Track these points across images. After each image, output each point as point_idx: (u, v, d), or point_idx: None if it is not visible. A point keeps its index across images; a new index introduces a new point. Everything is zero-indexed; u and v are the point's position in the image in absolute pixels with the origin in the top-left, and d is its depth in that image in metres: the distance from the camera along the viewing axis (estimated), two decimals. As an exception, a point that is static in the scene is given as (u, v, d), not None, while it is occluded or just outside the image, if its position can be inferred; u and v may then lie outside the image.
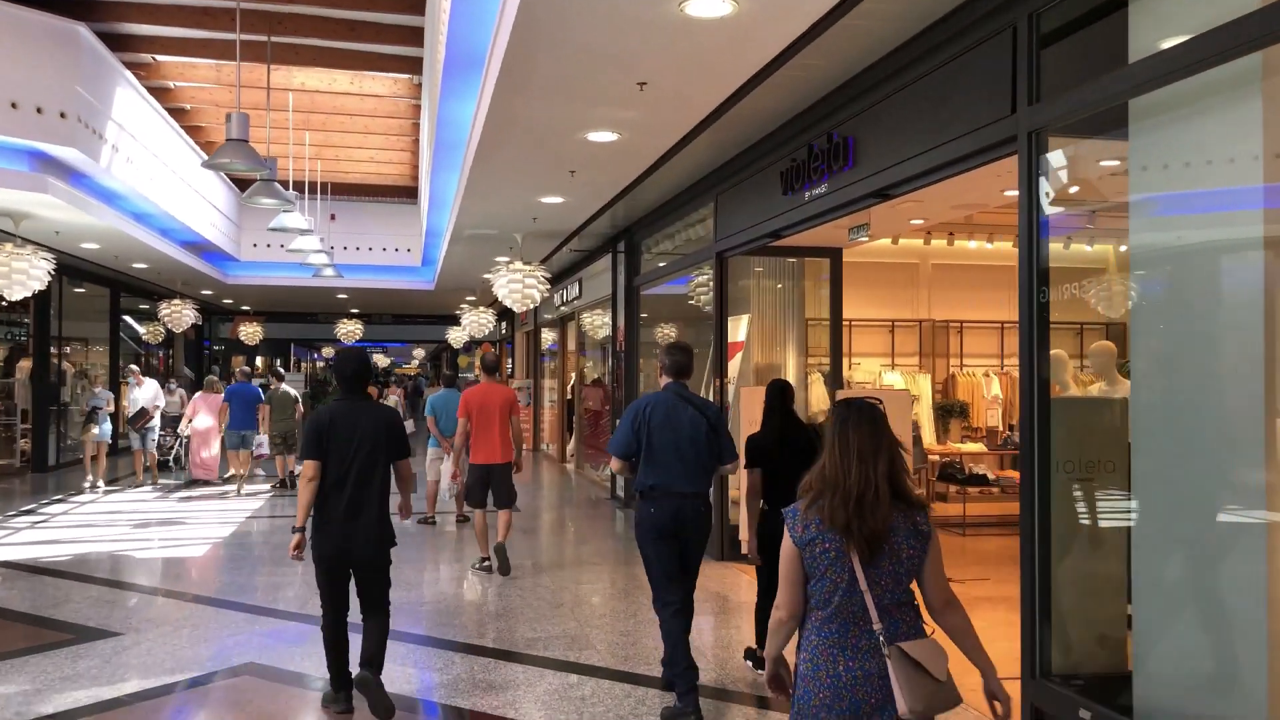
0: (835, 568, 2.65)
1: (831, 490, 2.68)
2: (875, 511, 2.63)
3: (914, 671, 2.57)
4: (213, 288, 20.96)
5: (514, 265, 12.20)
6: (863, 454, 2.68)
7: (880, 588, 2.64)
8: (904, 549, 2.67)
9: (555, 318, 18.65)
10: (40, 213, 11.00)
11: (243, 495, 13.00)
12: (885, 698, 2.59)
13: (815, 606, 2.71)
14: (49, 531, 10.17)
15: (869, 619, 2.63)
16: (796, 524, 2.73)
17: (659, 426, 5.00)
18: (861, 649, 2.63)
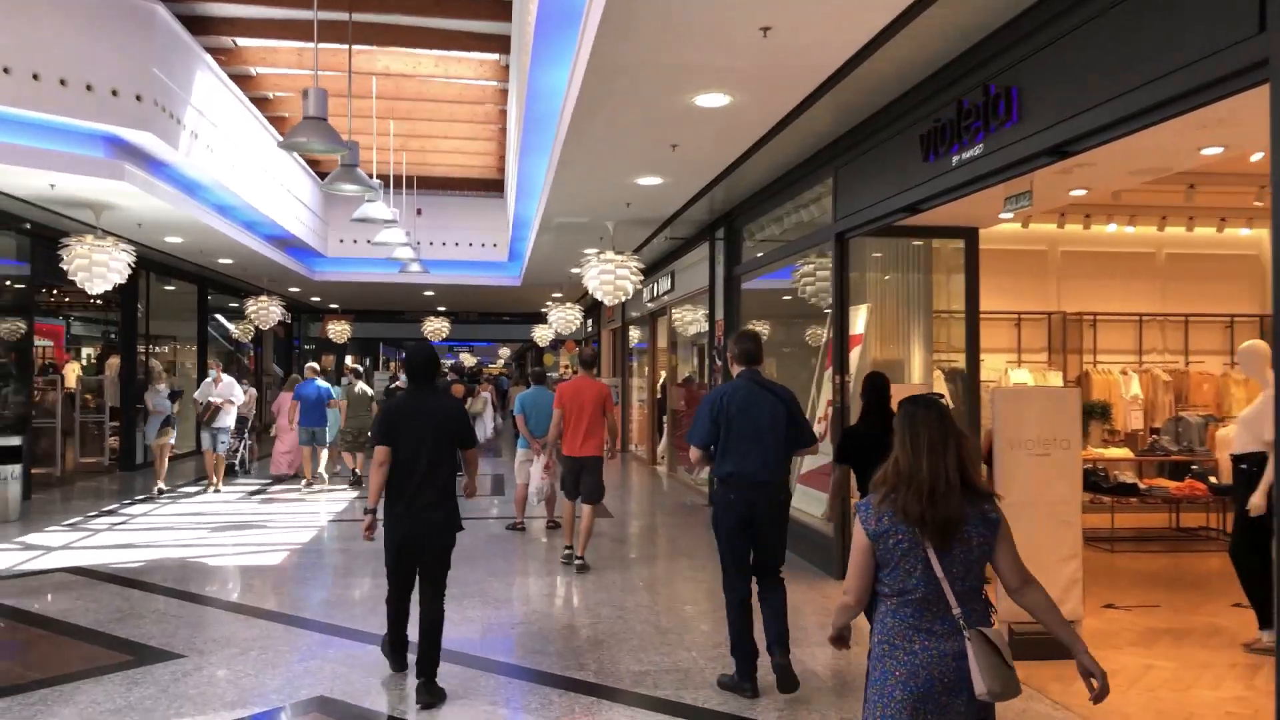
0: (909, 558, 2.75)
1: (905, 484, 2.77)
2: (947, 502, 2.72)
3: (993, 655, 2.66)
4: (300, 285, 20.74)
5: (605, 255, 11.42)
6: (933, 447, 2.77)
7: (954, 575, 2.73)
8: (974, 537, 2.75)
9: (644, 314, 17.86)
10: (119, 202, 10.62)
11: (315, 491, 13.19)
12: (960, 680, 2.68)
13: (890, 593, 2.79)
14: (125, 534, 9.76)
15: (946, 605, 2.72)
16: (870, 517, 2.82)
17: (737, 415, 5.02)
18: (936, 632, 2.72)
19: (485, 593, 7.31)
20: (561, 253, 14.82)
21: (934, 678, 2.69)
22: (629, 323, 20.00)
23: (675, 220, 11.57)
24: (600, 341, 24.87)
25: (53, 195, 10.16)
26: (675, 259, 14.38)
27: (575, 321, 19.61)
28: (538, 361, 51.28)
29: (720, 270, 11.71)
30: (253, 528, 10.20)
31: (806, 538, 8.64)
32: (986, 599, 2.84)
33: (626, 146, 7.99)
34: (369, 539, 5.11)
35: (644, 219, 11.56)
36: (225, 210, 13.34)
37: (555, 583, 7.75)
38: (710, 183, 9.39)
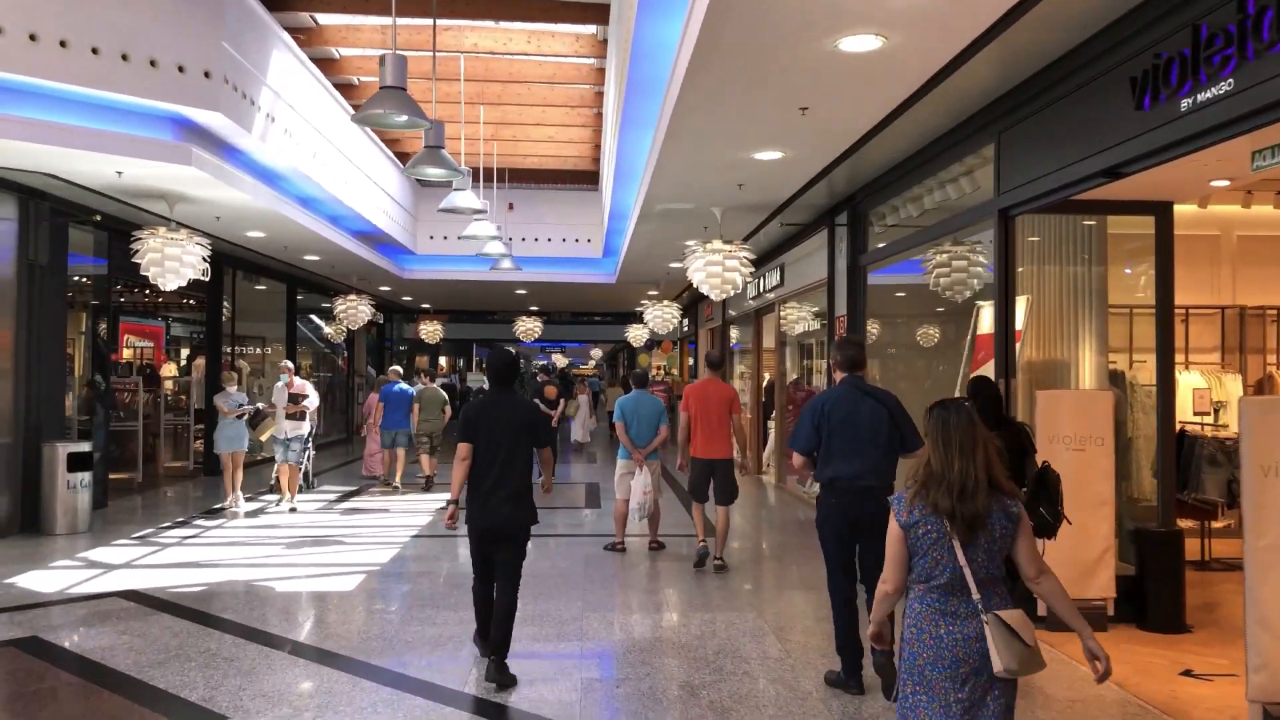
0: (937, 547, 3.01)
1: (937, 482, 3.04)
2: (975, 499, 2.99)
3: (1009, 636, 2.91)
4: (390, 283, 20.14)
5: (713, 245, 10.26)
6: (963, 449, 3.04)
7: (977, 564, 2.99)
8: (997, 529, 3.02)
9: (746, 311, 16.64)
10: (192, 192, 9.92)
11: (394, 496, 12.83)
12: (982, 661, 2.94)
13: (918, 580, 3.06)
14: (194, 550, 9.01)
15: (968, 590, 2.98)
16: (902, 510, 3.08)
17: (840, 421, 5.06)
18: (960, 615, 2.99)
19: (584, 632, 6.24)
20: (660, 246, 13.73)
21: (959, 658, 2.96)
22: (729, 322, 18.80)
23: (790, 205, 10.36)
24: (697, 341, 23.72)
25: (121, 185, 9.50)
26: (784, 251, 13.14)
27: (673, 320, 18.50)
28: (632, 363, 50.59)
29: (842, 260, 10.44)
30: (330, 544, 9.35)
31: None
32: (1007, 584, 3.10)
33: (747, 111, 6.83)
34: (451, 527, 5.47)
35: (755, 204, 10.37)
36: (308, 203, 12.63)
37: (663, 622, 6.62)
38: (838, 157, 8.16)
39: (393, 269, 18.25)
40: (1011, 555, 3.07)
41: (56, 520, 9.65)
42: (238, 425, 11.20)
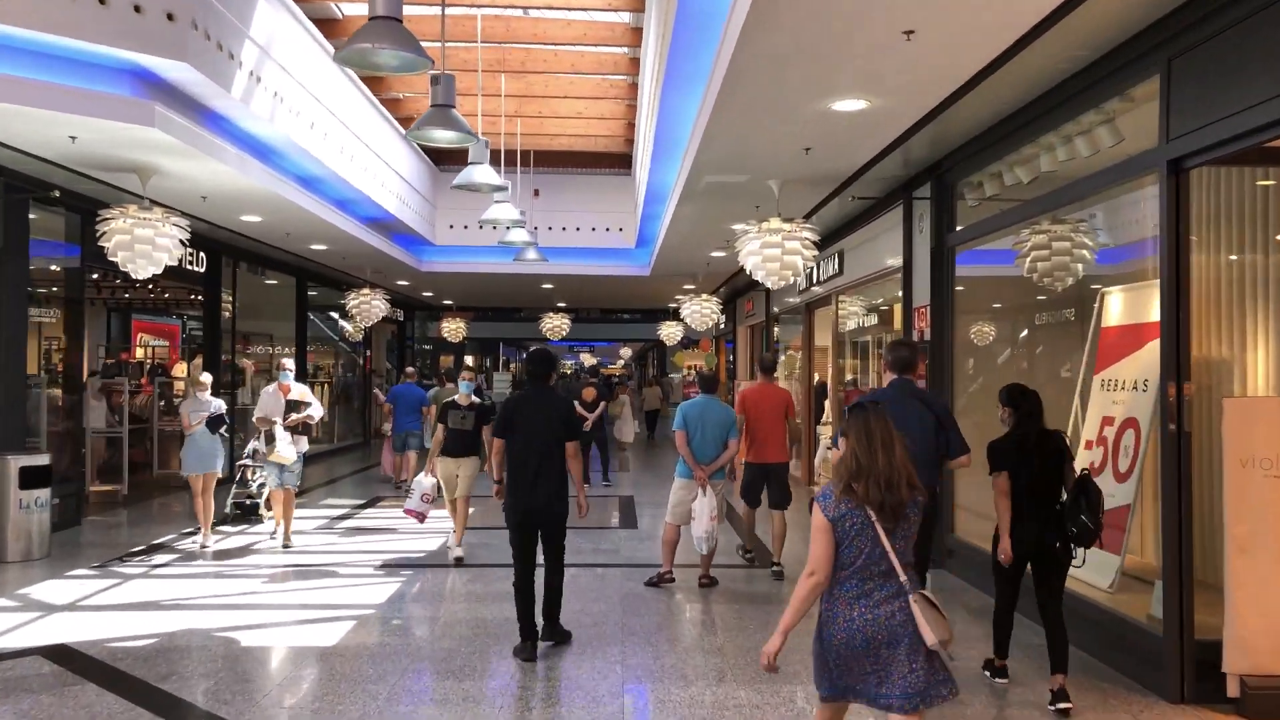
0: (862, 536, 3.26)
1: (865, 476, 3.26)
2: (899, 489, 3.26)
3: (934, 612, 3.22)
4: (407, 276, 18.77)
5: (770, 224, 8.75)
6: (887, 445, 3.29)
7: (898, 550, 3.27)
8: (912, 518, 3.33)
9: (795, 305, 15.10)
10: (164, 163, 8.55)
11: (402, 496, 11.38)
12: (891, 636, 3.20)
13: (840, 567, 3.29)
14: (160, 584, 7.63)
15: (893, 574, 3.25)
16: (830, 504, 3.30)
17: None
18: (875, 599, 3.24)
19: (625, 715, 4.77)
20: (703, 231, 12.23)
21: (869, 637, 3.22)
22: (774, 318, 17.25)
23: (860, 177, 8.83)
24: (735, 340, 22.18)
25: (79, 153, 8.15)
26: (844, 235, 11.59)
27: (712, 316, 16.99)
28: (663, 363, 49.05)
29: (922, 242, 8.89)
30: (319, 576, 7.94)
31: (1100, 625, 5.79)
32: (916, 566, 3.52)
33: (836, 35, 5.32)
34: (501, 500, 5.90)
35: (820, 175, 8.85)
36: (310, 183, 11.25)
37: (730, 699, 5.11)
38: (936, 108, 6.63)
39: (410, 261, 16.88)
40: None
41: (7, 546, 8.30)
42: (211, 441, 9.10)
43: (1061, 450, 5.10)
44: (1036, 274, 7.64)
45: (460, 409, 8.45)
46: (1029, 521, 5.00)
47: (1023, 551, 5.03)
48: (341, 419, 20.21)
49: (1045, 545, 4.98)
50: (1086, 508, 4.83)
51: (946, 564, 8.24)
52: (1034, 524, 4.99)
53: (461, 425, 8.37)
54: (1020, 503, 5.04)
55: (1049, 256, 7.59)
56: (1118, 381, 6.67)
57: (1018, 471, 5.05)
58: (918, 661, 3.20)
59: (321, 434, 19.64)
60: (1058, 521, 4.95)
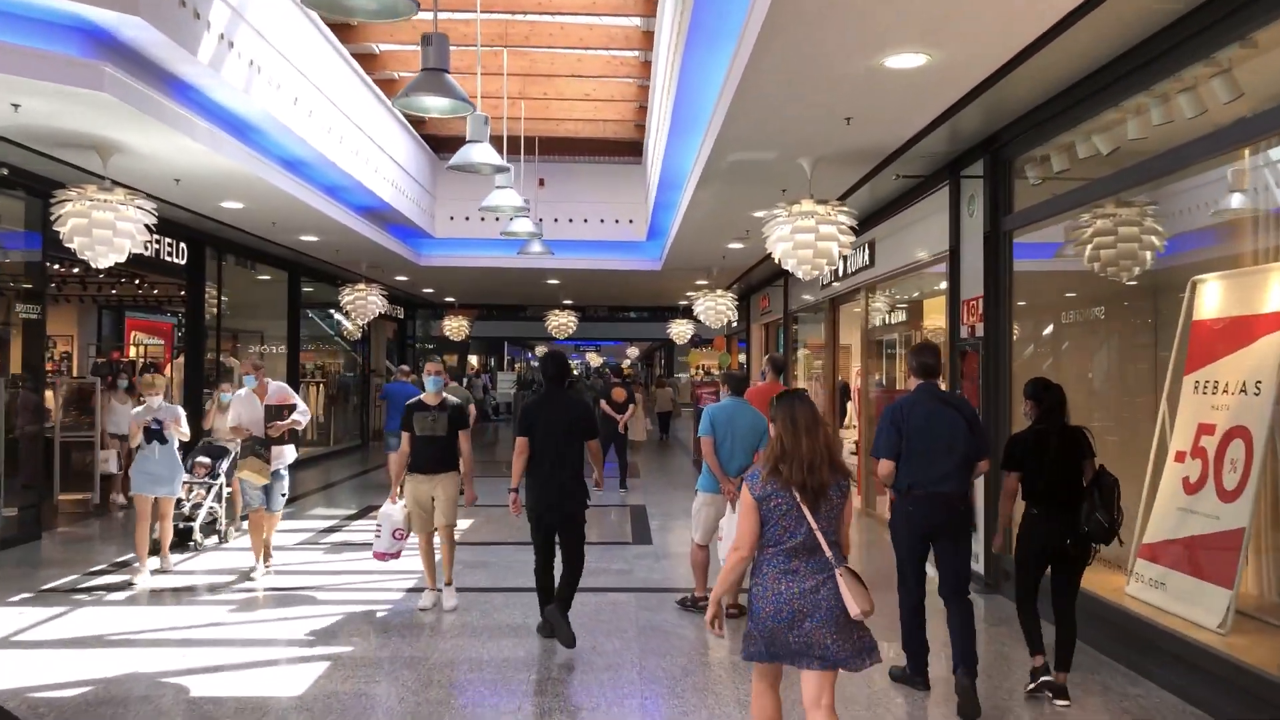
0: (788, 516, 3.47)
1: (790, 459, 3.49)
2: (821, 472, 3.48)
3: (858, 585, 3.43)
4: (406, 271, 17.85)
5: (801, 206, 7.81)
6: (810, 430, 3.52)
7: (823, 528, 3.47)
8: (835, 499, 3.53)
9: (817, 301, 14.14)
10: (124, 138, 7.66)
11: None
12: (813, 608, 3.41)
13: (768, 544, 3.51)
14: (108, 613, 6.70)
15: (819, 551, 3.47)
16: (757, 485, 3.53)
17: (920, 427, 5.00)
18: (801, 574, 3.45)
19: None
20: (721, 219, 11.30)
21: (795, 610, 3.41)
22: (793, 315, 16.30)
23: (905, 153, 7.90)
24: (749, 340, 21.23)
25: (25, 125, 7.25)
26: (874, 224, 10.64)
27: (727, 313, 16.06)
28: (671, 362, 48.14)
29: (973, 226, 7.96)
30: (294, 603, 7.02)
31: (1208, 674, 4.85)
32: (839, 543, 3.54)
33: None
34: (517, 514, 6.10)
35: (859, 150, 7.92)
36: (295, 166, 10.35)
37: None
38: (1007, 64, 5.70)
39: (408, 254, 15.98)
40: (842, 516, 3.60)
41: (-58, 567, 7.41)
42: (167, 456, 7.71)
43: (1083, 446, 5.07)
44: (1099, 263, 6.77)
45: (428, 410, 6.71)
46: (1051, 518, 5.00)
47: (1044, 546, 5.05)
48: (338, 420, 19.29)
49: (1064, 543, 4.99)
50: (1101, 504, 4.84)
51: (1004, 588, 7.31)
52: (1056, 521, 4.98)
53: (432, 430, 6.65)
54: (1041, 499, 5.07)
55: (1114, 243, 6.72)
56: (1217, 383, 5.74)
57: (1038, 468, 5.06)
58: (841, 631, 3.41)
59: (317, 436, 18.78)
60: (1076, 519, 4.94)
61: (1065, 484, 4.97)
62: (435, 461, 6.68)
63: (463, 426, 6.79)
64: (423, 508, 6.74)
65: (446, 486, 6.73)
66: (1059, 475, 4.97)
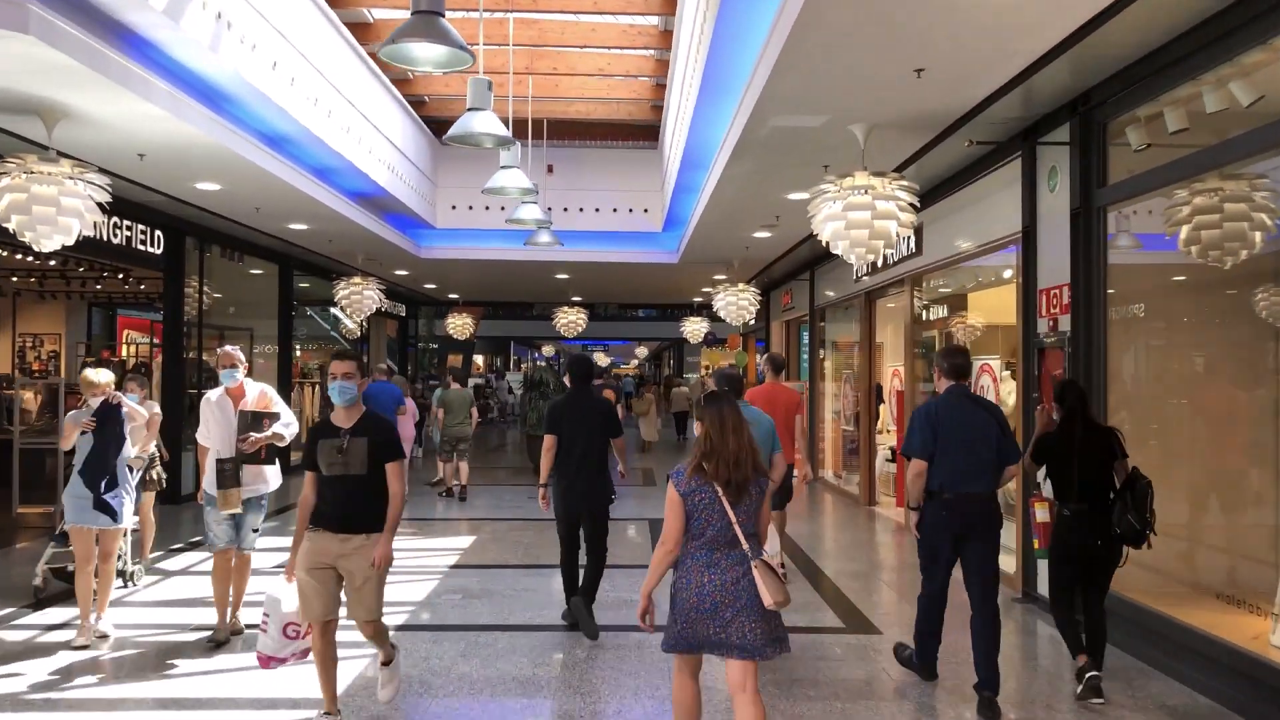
0: (710, 510, 3.65)
1: (716, 456, 3.67)
2: (744, 468, 3.67)
3: (773, 577, 3.62)
4: (406, 264, 16.78)
5: (855, 180, 6.72)
6: (736, 430, 3.71)
7: (741, 521, 3.65)
8: (754, 494, 3.72)
9: (848, 295, 13.07)
10: (69, 99, 6.59)
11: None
12: (733, 599, 3.59)
13: (691, 538, 3.68)
14: (21, 669, 5.63)
15: (737, 544, 3.65)
16: (682, 481, 3.70)
17: (952, 428, 5.01)
18: (722, 566, 3.63)
19: None
20: (749, 202, 10.20)
21: (716, 601, 3.59)
22: (820, 311, 15.19)
23: (975, 117, 6.81)
24: (768, 339, 20.10)
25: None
26: (921, 208, 9.50)
27: (750, 308, 14.94)
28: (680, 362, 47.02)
29: (1054, 202, 6.86)
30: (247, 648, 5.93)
31: None
32: (759, 538, 3.75)
33: None
34: (546, 507, 6.28)
35: (923, 115, 6.83)
36: (278, 144, 9.30)
37: None
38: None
39: (407, 246, 14.91)
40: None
41: None
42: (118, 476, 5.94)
43: (1113, 447, 5.10)
44: (1199, 246, 5.72)
45: (337, 434, 4.41)
46: (1080, 517, 5.03)
47: (1074, 546, 5.08)
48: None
49: (1095, 544, 5.01)
50: (1133, 506, 4.83)
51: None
52: (1085, 520, 5.02)
53: (343, 467, 4.37)
54: (1068, 498, 5.10)
55: (1219, 222, 5.67)
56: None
57: (1064, 466, 5.12)
58: (756, 621, 3.60)
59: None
60: (1106, 520, 4.96)
61: (1093, 484, 5.03)
62: (347, 514, 4.42)
63: (391, 457, 4.51)
64: (321, 585, 4.38)
65: (364, 558, 4.41)
66: (1085, 475, 5.03)
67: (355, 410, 4.50)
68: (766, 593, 3.57)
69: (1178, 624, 5.50)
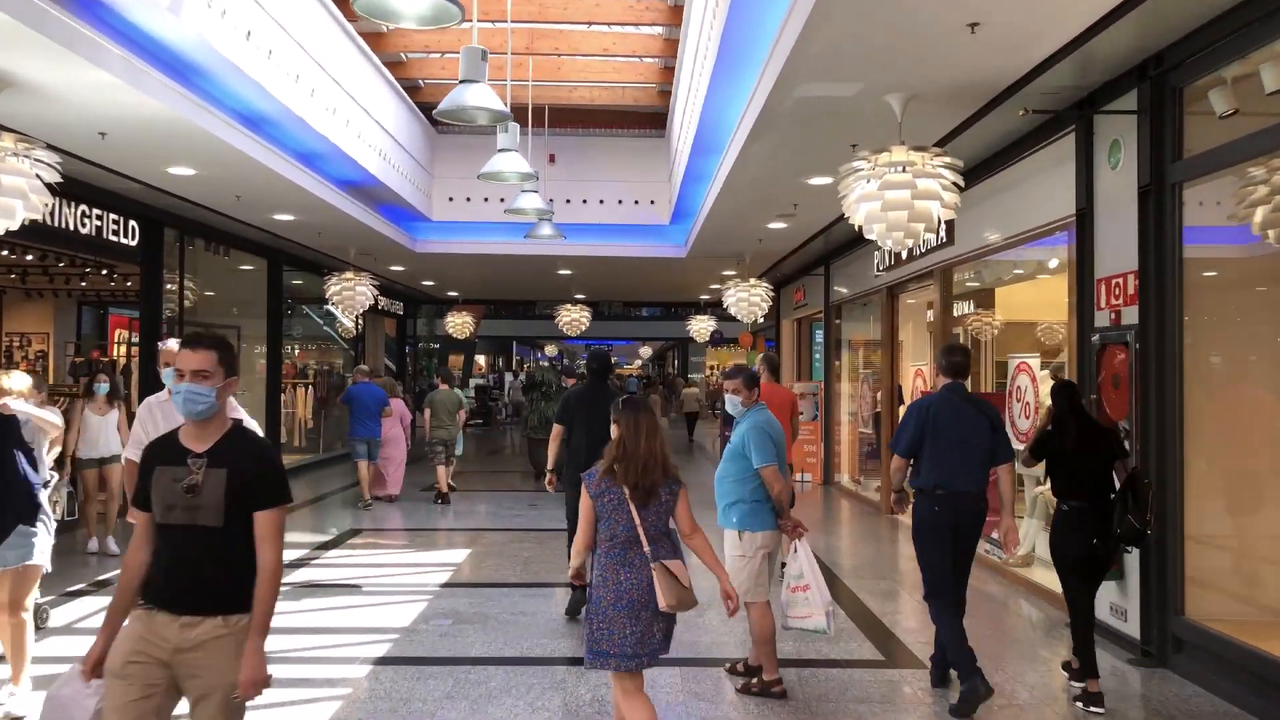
0: (618, 511, 3.75)
1: (627, 459, 3.77)
2: (653, 473, 3.78)
3: (671, 580, 3.68)
4: (401, 260, 16.04)
5: (892, 155, 5.97)
6: (649, 436, 3.82)
7: (648, 524, 3.76)
8: (664, 497, 3.81)
9: (868, 289, 12.34)
10: (12, 66, 5.87)
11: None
12: (650, 598, 3.69)
13: (604, 539, 3.78)
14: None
15: (642, 545, 3.73)
16: (593, 482, 3.82)
17: (944, 426, 5.02)
18: (635, 565, 3.72)
19: None
20: (768, 186, 9.45)
21: (633, 599, 3.68)
22: (836, 307, 14.45)
23: (1025, 86, 6.06)
24: (778, 339, 19.35)
25: None
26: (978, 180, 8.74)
27: (762, 304, 14.16)
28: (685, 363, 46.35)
29: (1114, 179, 6.11)
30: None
31: None
32: (674, 539, 3.85)
33: None
34: (552, 491, 6.79)
35: (968, 82, 6.09)
36: (256, 124, 8.57)
37: None
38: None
39: (402, 240, 14.19)
40: (674, 517, 3.87)
41: None
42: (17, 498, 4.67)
43: (1113, 447, 5.12)
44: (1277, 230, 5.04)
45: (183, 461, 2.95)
46: (1083, 516, 4.98)
47: (1078, 549, 5.00)
48: (329, 426, 17.48)
49: (1092, 544, 4.96)
50: (1134, 506, 4.82)
51: (1173, 660, 5.46)
52: (1088, 519, 4.97)
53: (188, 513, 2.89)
54: (1066, 496, 5.09)
55: None
56: None
57: (1059, 465, 5.13)
58: (659, 622, 3.73)
59: (305, 443, 17.02)
60: (1104, 520, 4.92)
61: (1088, 483, 5.01)
62: (191, 585, 2.91)
63: (268, 502, 2.96)
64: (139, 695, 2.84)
65: (216, 659, 2.87)
66: (1082, 474, 5.02)
67: (215, 426, 3.00)
68: (660, 594, 3.65)
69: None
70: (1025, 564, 8.09)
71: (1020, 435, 8.02)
